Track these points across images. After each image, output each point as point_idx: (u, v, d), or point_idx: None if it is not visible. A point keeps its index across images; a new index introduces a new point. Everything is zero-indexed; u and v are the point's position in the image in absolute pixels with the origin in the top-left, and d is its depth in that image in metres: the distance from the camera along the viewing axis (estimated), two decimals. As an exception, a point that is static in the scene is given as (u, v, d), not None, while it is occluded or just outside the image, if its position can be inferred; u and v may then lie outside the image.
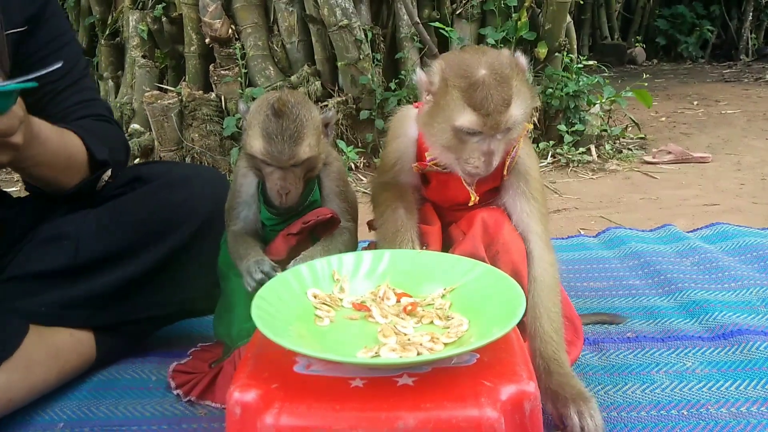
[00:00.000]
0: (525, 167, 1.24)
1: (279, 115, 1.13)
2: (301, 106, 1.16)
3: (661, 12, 8.47)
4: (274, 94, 1.18)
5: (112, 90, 3.97)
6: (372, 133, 3.45)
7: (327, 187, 1.29)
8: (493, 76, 1.07)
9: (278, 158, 1.14)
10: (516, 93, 1.09)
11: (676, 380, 1.34)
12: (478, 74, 1.08)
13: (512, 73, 1.10)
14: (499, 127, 1.08)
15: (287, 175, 1.16)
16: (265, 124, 1.13)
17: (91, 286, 1.39)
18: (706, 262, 1.96)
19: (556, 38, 3.62)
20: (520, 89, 1.10)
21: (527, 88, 1.13)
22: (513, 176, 1.24)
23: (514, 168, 1.23)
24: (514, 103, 1.08)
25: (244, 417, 0.80)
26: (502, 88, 1.07)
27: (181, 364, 1.43)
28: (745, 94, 5.79)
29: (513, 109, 1.08)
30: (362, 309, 1.00)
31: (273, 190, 1.17)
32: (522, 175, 1.24)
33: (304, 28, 3.49)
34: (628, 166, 3.50)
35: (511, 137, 1.14)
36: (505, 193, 1.25)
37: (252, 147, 1.15)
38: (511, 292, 0.93)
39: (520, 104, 1.09)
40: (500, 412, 0.77)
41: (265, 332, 0.82)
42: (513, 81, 1.09)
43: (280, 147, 1.12)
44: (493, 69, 1.08)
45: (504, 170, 1.22)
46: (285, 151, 1.13)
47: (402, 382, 0.83)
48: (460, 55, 1.15)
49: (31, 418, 1.29)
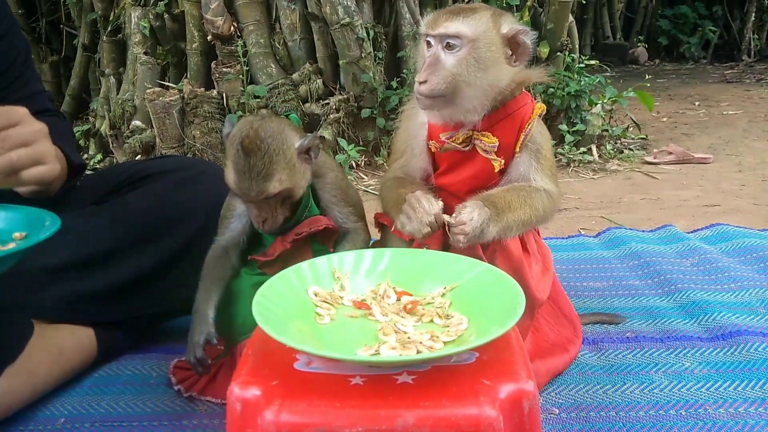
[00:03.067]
0: (537, 145, 1.25)
1: (247, 153, 1.12)
2: (272, 139, 1.14)
3: (663, 12, 8.46)
4: (248, 125, 1.15)
5: (113, 86, 3.96)
6: (373, 131, 3.45)
7: (324, 198, 1.29)
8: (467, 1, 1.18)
9: (247, 194, 1.15)
10: (475, 18, 1.17)
11: (674, 380, 1.34)
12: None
13: (483, 9, 1.22)
14: (437, 26, 1.18)
15: (261, 206, 1.17)
16: (235, 158, 1.14)
17: (96, 282, 1.40)
18: (705, 263, 1.96)
19: (558, 38, 3.62)
20: (482, 19, 1.18)
21: (491, 28, 1.19)
22: (525, 152, 1.25)
23: (526, 145, 1.25)
24: (465, 20, 1.16)
25: (245, 413, 0.81)
26: (464, 8, 1.18)
27: (181, 360, 1.44)
28: (747, 95, 5.78)
29: (460, 22, 1.16)
30: (363, 307, 1.00)
31: (251, 218, 1.20)
32: (533, 152, 1.25)
33: (306, 26, 3.49)
34: (629, 166, 3.50)
35: (461, 66, 1.16)
36: (515, 169, 1.26)
37: (227, 178, 1.17)
38: (510, 291, 0.94)
39: (471, 25, 1.16)
40: (499, 411, 0.78)
41: (266, 329, 0.83)
42: (480, 11, 1.19)
43: (248, 184, 1.13)
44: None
45: (516, 146, 1.23)
46: (253, 188, 1.13)
47: (402, 380, 0.83)
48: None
49: (33, 414, 1.30)
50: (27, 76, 1.47)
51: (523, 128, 1.23)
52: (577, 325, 1.49)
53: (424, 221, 1.12)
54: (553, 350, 1.39)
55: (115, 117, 3.80)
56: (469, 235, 1.11)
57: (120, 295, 1.43)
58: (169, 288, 1.49)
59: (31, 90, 1.47)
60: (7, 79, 1.41)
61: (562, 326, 1.45)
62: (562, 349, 1.41)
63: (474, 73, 1.16)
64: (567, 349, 1.42)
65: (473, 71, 1.16)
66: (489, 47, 1.17)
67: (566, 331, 1.46)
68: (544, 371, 1.33)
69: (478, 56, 1.16)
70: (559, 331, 1.44)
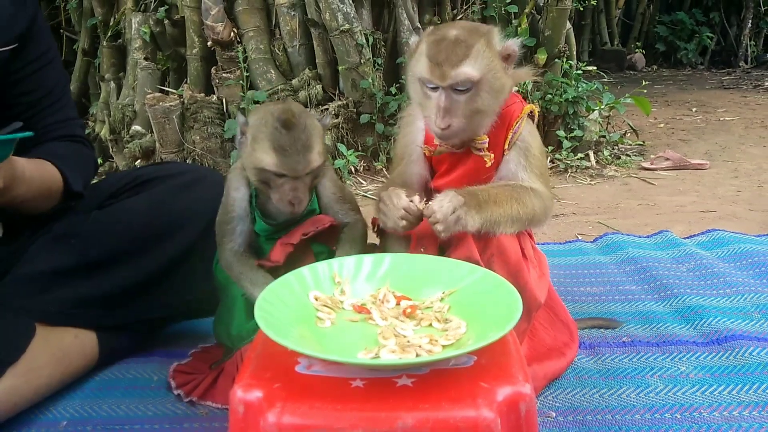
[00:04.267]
0: (526, 144, 1.28)
1: (289, 127, 1.14)
2: (305, 115, 1.19)
3: (661, 18, 8.52)
4: (276, 106, 1.19)
5: (113, 91, 3.98)
6: (372, 136, 3.48)
7: (324, 195, 1.31)
8: (455, 37, 1.17)
9: (294, 169, 1.15)
10: (474, 54, 1.16)
11: (670, 384, 1.36)
12: (442, 33, 1.19)
13: (476, 39, 1.18)
14: (445, 78, 1.15)
15: (298, 185, 1.17)
16: (274, 136, 1.14)
17: (99, 286, 1.41)
18: (701, 268, 1.98)
19: (555, 44, 3.65)
20: (480, 52, 1.17)
21: (491, 57, 1.19)
22: (513, 150, 1.27)
23: (515, 143, 1.27)
24: (468, 61, 1.15)
25: (247, 415, 0.82)
26: (460, 46, 1.16)
27: (181, 365, 1.45)
28: (744, 101, 5.82)
29: (465, 65, 1.15)
30: (363, 311, 1.02)
31: (284, 201, 1.18)
32: (522, 150, 1.28)
33: (305, 32, 3.51)
34: (626, 172, 3.53)
35: (476, 102, 1.18)
36: (504, 167, 1.29)
37: (262, 161, 1.16)
38: (508, 296, 0.95)
39: (475, 65, 1.16)
40: (496, 413, 0.79)
41: (269, 333, 0.84)
42: (475, 44, 1.17)
43: (294, 158, 1.14)
44: (458, 32, 1.18)
45: (505, 144, 1.26)
46: (300, 161, 1.15)
47: (401, 382, 0.85)
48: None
49: (35, 417, 1.31)
50: (62, 104, 1.54)
51: (511, 126, 1.25)
52: (574, 330, 1.50)
53: (397, 216, 1.16)
54: (550, 354, 1.40)
55: (115, 122, 3.81)
56: (442, 222, 1.12)
57: (122, 299, 1.45)
58: (170, 292, 1.50)
59: (64, 116, 1.54)
60: (43, 105, 1.48)
61: (559, 331, 1.47)
62: (559, 354, 1.42)
63: (488, 102, 1.20)
64: (564, 354, 1.43)
65: (487, 101, 1.20)
66: (495, 75, 1.19)
67: (563, 336, 1.47)
68: (542, 375, 1.35)
69: (488, 87, 1.19)
70: (556, 335, 1.45)
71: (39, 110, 1.45)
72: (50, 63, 1.51)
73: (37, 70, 1.47)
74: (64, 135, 1.52)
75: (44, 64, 1.49)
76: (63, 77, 1.59)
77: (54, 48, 1.55)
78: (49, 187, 1.43)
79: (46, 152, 1.44)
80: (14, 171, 1.26)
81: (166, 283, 1.49)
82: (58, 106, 1.53)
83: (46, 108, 1.49)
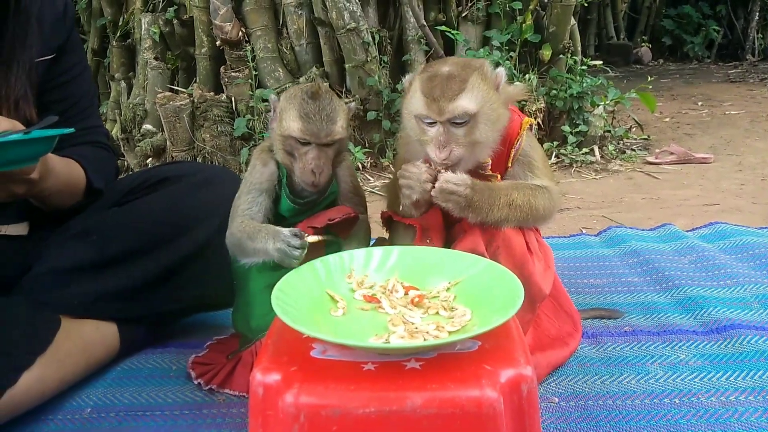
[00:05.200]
0: (528, 158, 1.32)
1: (315, 98, 1.24)
2: (332, 93, 1.29)
3: (667, 12, 8.49)
4: (306, 84, 1.30)
5: (124, 91, 4.05)
6: (379, 133, 3.52)
7: (343, 180, 1.37)
8: (448, 72, 1.20)
9: (317, 134, 1.24)
10: (470, 87, 1.19)
11: (669, 371, 1.40)
12: (435, 69, 1.22)
13: (470, 72, 1.21)
14: (443, 113, 1.19)
15: (321, 154, 1.25)
16: (302, 105, 1.24)
17: (118, 280, 1.47)
18: (703, 260, 2.02)
19: (560, 40, 3.68)
20: (475, 85, 1.20)
21: (486, 89, 1.22)
22: (517, 166, 1.32)
23: (518, 159, 1.31)
24: (464, 95, 1.18)
25: (266, 397, 0.88)
26: (454, 80, 1.19)
27: (199, 356, 1.51)
28: (750, 95, 5.81)
29: (462, 99, 1.18)
30: (373, 301, 1.07)
31: (306, 170, 1.25)
32: (525, 165, 1.32)
33: (312, 31, 3.57)
34: (631, 166, 3.56)
35: (474, 134, 1.21)
36: (510, 179, 1.32)
37: (289, 128, 1.25)
38: (511, 285, 1.00)
39: (471, 98, 1.19)
40: (499, 393, 0.84)
41: (285, 320, 0.90)
42: (470, 78, 1.20)
43: (318, 125, 1.23)
44: (451, 68, 1.21)
45: (508, 161, 1.30)
46: (323, 128, 1.23)
47: (410, 366, 0.90)
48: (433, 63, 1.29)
49: (61, 404, 1.37)
50: (89, 113, 1.64)
51: (513, 144, 1.29)
52: (577, 320, 1.55)
53: (422, 179, 1.22)
54: (554, 344, 1.45)
55: (126, 121, 3.88)
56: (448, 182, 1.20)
57: (140, 292, 1.50)
58: (186, 286, 1.56)
59: (89, 124, 1.62)
60: (71, 112, 1.56)
61: (563, 321, 1.51)
62: (563, 343, 1.47)
63: (486, 133, 1.23)
64: (567, 343, 1.48)
65: (485, 132, 1.23)
66: (491, 106, 1.22)
67: (566, 326, 1.52)
68: (545, 364, 1.40)
69: (486, 119, 1.22)
70: (560, 326, 1.50)
71: (68, 117, 1.52)
72: (81, 74, 1.61)
73: (69, 80, 1.56)
74: (89, 141, 1.61)
75: (76, 74, 1.58)
76: (91, 87, 1.69)
77: (85, 60, 1.66)
78: (74, 183, 1.51)
79: (71, 152, 1.52)
80: (46, 164, 1.34)
81: (182, 278, 1.55)
82: (86, 114, 1.62)
83: (74, 116, 1.56)
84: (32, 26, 1.43)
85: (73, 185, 1.51)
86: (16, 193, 1.32)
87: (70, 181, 1.49)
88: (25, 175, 1.28)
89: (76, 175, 1.51)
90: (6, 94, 1.39)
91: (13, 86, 1.39)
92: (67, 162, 1.48)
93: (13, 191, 1.31)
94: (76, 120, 1.56)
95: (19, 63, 1.40)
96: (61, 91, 1.54)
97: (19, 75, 1.40)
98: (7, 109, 1.39)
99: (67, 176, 1.47)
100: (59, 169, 1.42)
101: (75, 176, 1.51)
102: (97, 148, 1.62)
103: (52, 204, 1.50)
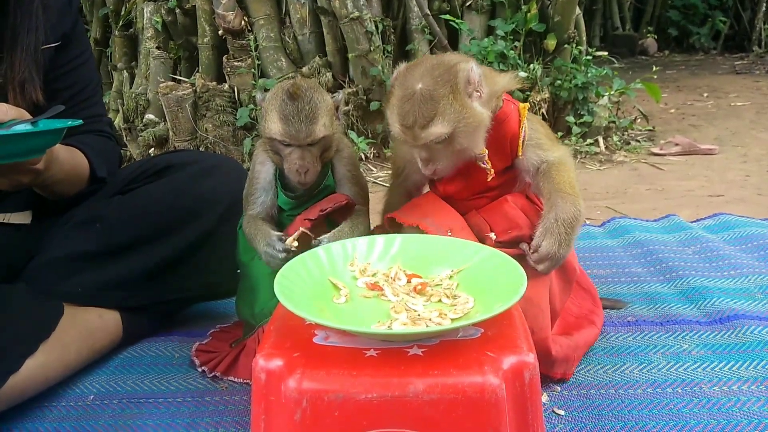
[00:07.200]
0: (536, 139, 1.31)
1: (294, 98, 1.22)
2: (313, 90, 1.25)
3: (673, 3, 8.40)
4: (288, 81, 1.27)
5: (126, 80, 4.04)
6: (382, 123, 3.51)
7: (339, 172, 1.36)
8: (420, 92, 1.16)
9: (296, 137, 1.22)
10: (441, 111, 1.16)
11: (672, 361, 1.40)
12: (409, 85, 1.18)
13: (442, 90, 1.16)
14: (418, 140, 1.19)
15: (305, 154, 1.23)
16: (281, 107, 1.22)
17: (121, 269, 1.48)
18: (707, 251, 2.01)
19: (565, 30, 3.65)
20: (447, 107, 1.16)
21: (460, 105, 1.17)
22: (528, 150, 1.30)
23: (526, 145, 1.30)
24: (435, 120, 1.16)
25: (269, 382, 0.88)
26: (426, 105, 1.15)
27: (202, 344, 1.52)
28: (756, 86, 5.77)
29: (434, 126, 1.16)
30: (375, 288, 1.07)
31: (292, 170, 1.24)
32: (535, 146, 1.31)
33: (315, 20, 3.54)
34: (636, 157, 3.54)
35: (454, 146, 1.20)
36: (523, 163, 1.31)
37: (270, 130, 1.23)
38: (514, 272, 1.00)
39: (443, 121, 1.16)
40: (502, 379, 0.84)
41: (289, 306, 0.90)
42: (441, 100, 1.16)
43: (297, 126, 1.21)
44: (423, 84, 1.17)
45: (518, 151, 1.29)
46: (302, 130, 1.21)
47: (412, 352, 0.90)
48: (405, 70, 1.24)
49: (64, 391, 1.38)
50: (94, 101, 1.64)
51: (516, 139, 1.28)
52: (595, 296, 1.53)
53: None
54: (581, 323, 1.44)
55: (129, 111, 3.88)
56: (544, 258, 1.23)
57: (143, 281, 1.51)
58: (190, 275, 1.56)
59: (93, 113, 1.62)
60: (76, 101, 1.56)
61: (582, 298, 1.50)
62: (589, 322, 1.46)
63: (468, 139, 1.20)
64: (593, 322, 1.47)
65: (466, 140, 1.20)
66: (467, 121, 1.18)
67: (586, 303, 1.51)
68: (582, 343, 1.40)
69: (463, 133, 1.19)
70: (580, 303, 1.49)
71: (72, 105, 1.52)
72: (86, 63, 1.61)
73: (74, 68, 1.56)
74: (93, 130, 1.60)
75: (81, 63, 1.58)
76: (96, 77, 1.69)
77: (90, 49, 1.66)
78: (77, 172, 1.51)
79: (75, 141, 1.52)
80: (51, 153, 1.34)
81: (186, 267, 1.55)
82: (90, 103, 1.61)
83: (78, 104, 1.56)
84: (36, 10, 1.43)
85: (76, 174, 1.51)
86: (22, 183, 1.33)
87: (74, 169, 1.49)
88: (32, 165, 1.28)
89: (80, 164, 1.51)
90: (11, 77, 1.39)
91: (17, 69, 1.39)
92: (71, 151, 1.48)
93: (19, 181, 1.32)
94: (81, 108, 1.56)
95: (23, 46, 1.40)
96: (66, 79, 1.54)
97: (23, 58, 1.40)
98: (13, 92, 1.39)
99: (71, 165, 1.47)
100: (63, 157, 1.42)
101: (79, 165, 1.51)
102: (100, 137, 1.62)
103: (56, 192, 1.50)
